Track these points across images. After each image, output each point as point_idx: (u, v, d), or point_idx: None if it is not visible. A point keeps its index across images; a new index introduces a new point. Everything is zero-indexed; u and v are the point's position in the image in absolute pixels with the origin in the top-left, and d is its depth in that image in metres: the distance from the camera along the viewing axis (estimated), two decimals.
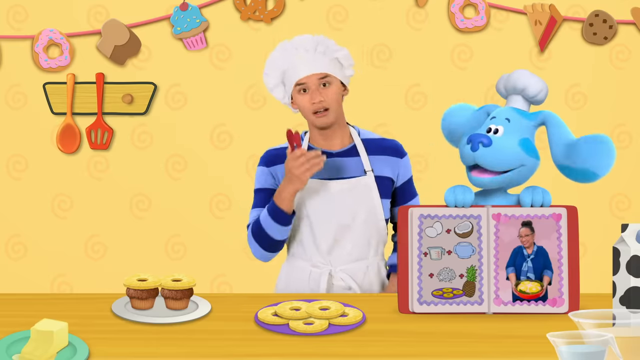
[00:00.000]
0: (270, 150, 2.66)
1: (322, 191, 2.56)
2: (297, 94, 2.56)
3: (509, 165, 2.17)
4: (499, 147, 2.15)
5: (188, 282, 2.21)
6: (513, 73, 2.25)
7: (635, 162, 3.75)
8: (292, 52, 2.57)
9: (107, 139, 3.73)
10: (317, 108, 2.54)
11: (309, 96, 2.54)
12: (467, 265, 2.20)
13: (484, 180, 2.18)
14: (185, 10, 3.66)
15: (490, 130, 2.19)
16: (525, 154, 2.17)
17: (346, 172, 2.60)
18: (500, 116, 2.21)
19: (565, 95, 3.73)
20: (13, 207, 3.76)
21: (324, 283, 2.57)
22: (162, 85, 3.73)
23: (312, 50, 2.56)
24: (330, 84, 2.55)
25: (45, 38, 3.66)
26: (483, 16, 3.67)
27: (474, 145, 2.15)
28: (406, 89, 3.75)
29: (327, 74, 2.54)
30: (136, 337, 2.01)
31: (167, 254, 3.79)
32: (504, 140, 2.16)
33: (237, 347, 1.94)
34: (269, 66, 2.61)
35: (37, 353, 1.82)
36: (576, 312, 1.63)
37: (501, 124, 2.19)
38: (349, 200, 2.57)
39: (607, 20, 3.66)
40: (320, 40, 2.58)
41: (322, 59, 2.55)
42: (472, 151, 2.16)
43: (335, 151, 2.62)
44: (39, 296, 2.39)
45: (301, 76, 2.53)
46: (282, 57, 2.58)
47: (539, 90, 2.22)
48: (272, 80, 2.61)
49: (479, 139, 2.15)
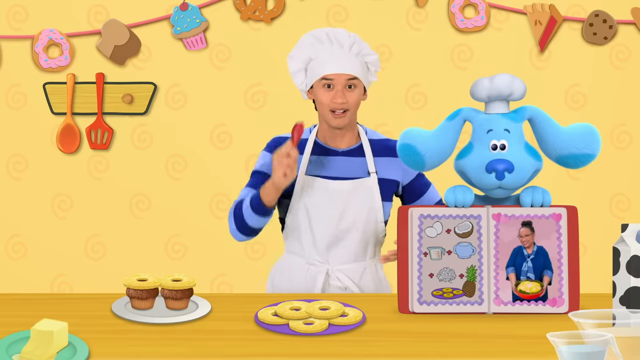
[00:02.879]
0: (277, 137, 2.65)
1: (324, 190, 2.56)
2: (320, 87, 2.53)
3: (528, 179, 2.18)
4: (519, 168, 2.15)
5: (188, 282, 2.21)
6: (495, 79, 2.19)
7: (635, 162, 3.75)
8: (327, 44, 2.53)
9: (107, 139, 3.73)
10: (337, 107, 2.51)
11: (332, 93, 2.51)
12: (467, 265, 2.20)
13: (500, 195, 2.20)
14: (185, 10, 3.66)
15: (496, 147, 2.18)
16: (535, 160, 2.18)
17: (350, 172, 2.59)
18: (497, 128, 2.18)
19: (565, 95, 3.73)
20: (13, 207, 3.76)
21: (320, 282, 2.57)
22: (162, 85, 3.73)
23: (348, 48, 2.52)
24: (356, 87, 2.53)
25: (45, 38, 3.66)
26: (483, 16, 3.67)
27: (499, 174, 2.13)
28: (406, 89, 3.75)
29: (356, 77, 2.52)
30: (136, 337, 2.01)
31: (167, 254, 3.79)
32: (518, 156, 2.15)
33: (237, 347, 1.94)
34: (298, 50, 2.56)
35: (37, 353, 1.82)
36: (576, 312, 1.63)
37: (503, 137, 2.17)
38: (351, 201, 2.57)
39: (607, 20, 3.66)
40: (357, 40, 2.54)
41: (354, 61, 2.52)
42: (499, 180, 2.15)
43: (342, 150, 2.61)
44: (39, 296, 2.39)
45: (331, 72, 2.50)
46: (313, 45, 2.54)
47: (523, 91, 2.21)
48: (296, 65, 2.57)
49: (503, 167, 2.13)
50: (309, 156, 2.58)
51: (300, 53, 2.56)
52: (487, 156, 2.16)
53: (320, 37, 2.54)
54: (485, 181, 2.17)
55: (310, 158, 2.59)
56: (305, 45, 2.55)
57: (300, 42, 2.57)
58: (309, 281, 2.58)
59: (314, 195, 2.56)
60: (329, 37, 2.54)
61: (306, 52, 2.55)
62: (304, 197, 2.57)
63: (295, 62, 2.57)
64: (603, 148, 3.63)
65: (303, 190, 2.56)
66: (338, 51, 2.51)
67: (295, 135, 2.44)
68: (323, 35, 2.54)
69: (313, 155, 2.59)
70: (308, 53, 2.54)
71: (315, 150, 2.60)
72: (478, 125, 2.21)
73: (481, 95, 2.21)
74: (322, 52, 2.53)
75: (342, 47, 2.52)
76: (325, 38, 2.54)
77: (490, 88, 2.19)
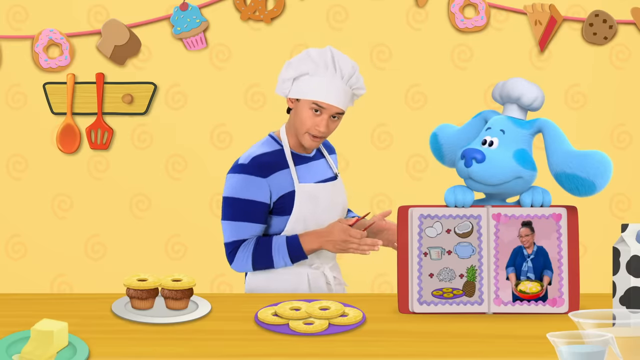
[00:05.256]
0: (257, 157, 2.53)
1: (315, 195, 2.57)
2: (306, 107, 2.50)
3: (503, 179, 2.17)
4: (492, 162, 2.15)
5: (188, 282, 2.21)
6: (508, 81, 2.24)
7: (635, 162, 3.75)
8: (331, 69, 2.49)
9: (107, 139, 3.73)
10: (317, 134, 2.52)
11: (317, 120, 2.50)
12: (467, 265, 2.20)
13: (479, 190, 2.20)
14: (185, 10, 3.66)
15: (485, 142, 2.20)
16: (521, 167, 2.17)
17: (323, 174, 2.64)
18: (495, 127, 2.21)
19: (565, 95, 3.73)
20: (13, 207, 3.76)
21: (322, 283, 2.59)
22: (162, 85, 3.73)
23: (346, 79, 2.51)
24: (339, 119, 2.54)
25: (45, 38, 3.66)
26: (483, 16, 3.67)
27: (468, 161, 2.16)
28: (406, 89, 3.75)
29: (343, 111, 2.53)
30: (136, 337, 2.01)
31: (167, 254, 3.79)
32: (498, 153, 2.16)
33: (237, 347, 1.94)
34: (299, 62, 2.51)
35: (37, 353, 1.82)
36: (576, 312, 1.63)
37: (496, 135, 2.19)
38: (335, 201, 2.62)
39: (607, 20, 3.66)
40: (356, 72, 2.52)
41: (347, 93, 2.51)
42: (466, 167, 2.16)
43: (310, 155, 2.63)
44: (39, 296, 2.39)
45: (325, 101, 2.48)
46: (317, 65, 2.50)
47: (533, 98, 2.21)
48: (291, 73, 2.52)
49: (472, 155, 2.15)
50: (294, 166, 2.58)
51: (300, 65, 2.52)
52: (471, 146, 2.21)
53: (326, 61, 2.50)
54: (459, 167, 2.21)
55: (296, 169, 2.58)
56: (307, 61, 2.51)
57: (304, 56, 2.52)
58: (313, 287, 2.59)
59: (307, 201, 2.56)
60: (334, 64, 2.50)
61: (306, 67, 2.51)
62: (304, 204, 2.56)
63: (291, 70, 2.52)
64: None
65: (302, 198, 2.55)
66: (338, 82, 2.49)
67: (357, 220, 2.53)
68: (329, 60, 2.50)
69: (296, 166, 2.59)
70: (308, 68, 2.51)
71: (295, 161, 2.60)
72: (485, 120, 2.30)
73: (495, 95, 2.28)
74: (322, 76, 2.49)
75: (342, 78, 2.51)
76: (330, 63, 2.50)
77: (502, 88, 2.25)
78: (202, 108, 3.74)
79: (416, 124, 3.70)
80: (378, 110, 3.69)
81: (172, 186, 3.77)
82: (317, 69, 2.49)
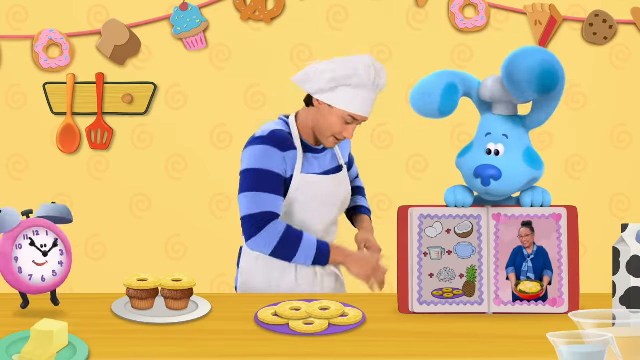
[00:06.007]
0: (275, 131, 2.53)
1: (313, 185, 2.57)
2: (339, 115, 2.48)
3: (520, 187, 2.16)
4: (509, 175, 2.13)
5: (188, 282, 2.21)
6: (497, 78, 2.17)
7: (635, 162, 3.75)
8: (372, 85, 2.46)
9: (107, 139, 3.73)
10: (341, 138, 2.55)
11: (346, 128, 2.51)
12: (467, 265, 2.20)
13: (494, 201, 2.20)
14: (185, 10, 3.66)
15: (490, 152, 2.17)
16: (532, 169, 2.16)
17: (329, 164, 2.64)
18: (496, 132, 2.17)
19: (565, 95, 3.72)
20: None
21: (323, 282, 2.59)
22: (162, 85, 3.73)
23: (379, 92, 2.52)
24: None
25: (45, 38, 3.66)
26: (483, 16, 3.67)
27: (485, 180, 2.12)
28: (406, 89, 3.74)
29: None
30: (136, 337, 2.01)
31: (167, 254, 3.79)
32: (510, 164, 2.14)
33: (237, 347, 1.94)
34: (346, 73, 2.44)
35: (37, 353, 1.82)
36: (576, 312, 1.63)
37: (500, 141, 2.16)
38: (335, 193, 2.62)
39: (607, 20, 3.66)
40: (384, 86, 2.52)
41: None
42: (484, 186, 2.14)
43: (320, 147, 2.63)
44: (39, 296, 2.39)
45: (361, 114, 2.49)
46: (360, 77, 2.44)
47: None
48: (332, 83, 2.45)
49: (489, 174, 2.12)
50: (302, 155, 2.57)
51: (345, 79, 2.44)
52: (479, 160, 2.16)
53: (370, 77, 2.45)
54: (474, 185, 2.17)
55: (304, 156, 2.58)
56: (353, 76, 2.44)
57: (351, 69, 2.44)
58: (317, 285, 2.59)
59: (310, 190, 2.56)
60: (375, 81, 2.46)
61: (350, 80, 2.44)
62: (299, 194, 2.55)
63: (332, 81, 2.45)
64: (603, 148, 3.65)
65: (299, 187, 2.55)
66: (373, 95, 2.50)
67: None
68: (372, 75, 2.45)
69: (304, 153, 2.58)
70: (351, 82, 2.44)
71: (304, 149, 2.59)
72: (480, 126, 2.22)
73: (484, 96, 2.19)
74: (362, 89, 2.47)
75: (378, 91, 2.50)
76: (373, 79, 2.45)
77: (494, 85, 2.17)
78: (202, 108, 3.74)
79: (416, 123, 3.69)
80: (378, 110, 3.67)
81: (172, 186, 3.77)
82: (359, 82, 2.45)
